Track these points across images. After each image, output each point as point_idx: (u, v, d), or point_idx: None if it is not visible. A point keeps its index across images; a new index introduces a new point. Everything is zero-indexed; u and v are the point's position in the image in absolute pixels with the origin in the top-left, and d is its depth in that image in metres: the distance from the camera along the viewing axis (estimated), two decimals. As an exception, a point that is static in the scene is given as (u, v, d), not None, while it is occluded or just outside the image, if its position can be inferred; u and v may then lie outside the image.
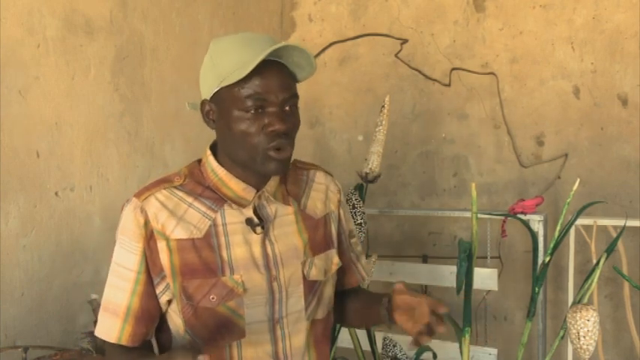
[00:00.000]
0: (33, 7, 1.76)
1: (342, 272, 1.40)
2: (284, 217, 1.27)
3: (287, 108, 1.18)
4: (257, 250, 1.22)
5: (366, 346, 2.12)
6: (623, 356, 2.63)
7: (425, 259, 2.90)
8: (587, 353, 1.78)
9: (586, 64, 2.67)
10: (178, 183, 1.23)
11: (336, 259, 1.34)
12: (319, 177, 1.38)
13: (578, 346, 1.75)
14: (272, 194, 1.26)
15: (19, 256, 1.73)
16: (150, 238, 1.18)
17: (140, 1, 2.16)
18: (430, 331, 1.16)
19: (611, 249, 1.88)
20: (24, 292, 1.74)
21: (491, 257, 2.59)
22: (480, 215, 2.15)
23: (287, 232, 1.26)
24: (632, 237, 2.51)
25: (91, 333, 1.70)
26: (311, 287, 1.28)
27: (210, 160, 1.24)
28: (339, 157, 3.09)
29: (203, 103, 1.24)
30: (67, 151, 1.88)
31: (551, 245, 1.98)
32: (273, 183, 1.26)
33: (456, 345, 2.17)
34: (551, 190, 2.74)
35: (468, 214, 2.44)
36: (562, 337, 1.91)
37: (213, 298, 1.18)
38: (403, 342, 2.20)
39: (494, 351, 2.38)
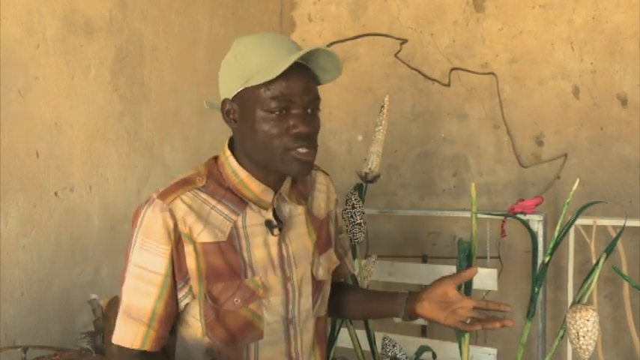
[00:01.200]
0: (32, 7, 1.76)
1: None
2: (297, 217, 1.29)
3: (309, 111, 1.19)
4: (274, 252, 1.23)
5: (365, 346, 2.12)
6: (623, 356, 2.63)
7: (424, 259, 2.90)
8: (587, 353, 1.78)
9: (586, 64, 2.67)
10: (201, 184, 1.22)
11: (334, 258, 1.38)
12: (320, 177, 1.40)
13: (578, 346, 1.75)
14: (287, 195, 1.27)
15: (19, 256, 1.73)
16: (178, 241, 1.16)
17: (140, 1, 2.16)
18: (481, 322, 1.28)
19: (610, 249, 1.88)
20: (24, 292, 1.74)
21: (490, 257, 2.59)
22: (479, 215, 2.15)
23: (300, 232, 1.28)
24: (631, 237, 2.51)
25: (91, 333, 1.70)
26: (317, 286, 1.31)
27: (231, 161, 1.23)
28: (339, 157, 3.09)
29: (224, 102, 1.23)
30: (66, 151, 1.88)
31: (551, 245, 1.98)
32: (287, 184, 1.27)
33: (456, 345, 2.17)
34: (551, 190, 2.74)
35: (467, 214, 2.44)
36: (562, 337, 1.91)
37: (237, 301, 1.18)
38: (403, 342, 2.20)
39: (493, 351, 2.38)
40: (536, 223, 2.40)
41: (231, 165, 1.23)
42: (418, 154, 2.98)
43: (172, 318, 1.21)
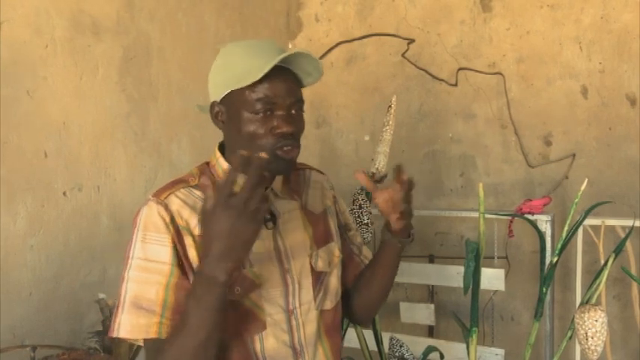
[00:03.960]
0: (40, 8, 1.77)
1: (346, 265, 1.46)
2: (291, 212, 1.34)
3: (293, 112, 1.24)
4: (269, 245, 1.27)
5: (372, 346, 2.12)
6: (632, 357, 2.62)
7: (432, 259, 2.89)
8: (595, 354, 1.77)
9: (594, 64, 2.66)
10: (194, 183, 1.28)
11: (337, 252, 1.41)
12: (314, 175, 1.46)
13: (586, 346, 1.74)
14: (279, 191, 1.33)
15: (27, 256, 1.74)
16: (177, 233, 1.20)
17: (147, 1, 2.16)
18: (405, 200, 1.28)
19: (619, 249, 1.87)
20: (32, 292, 1.75)
21: (498, 257, 2.58)
22: (487, 215, 2.15)
23: (294, 226, 1.33)
24: (640, 237, 2.50)
25: (99, 332, 1.70)
26: (317, 278, 1.34)
27: (221, 162, 1.30)
28: (346, 157, 3.09)
29: (213, 105, 1.29)
30: (74, 151, 1.89)
31: (559, 245, 1.97)
32: (279, 181, 1.33)
33: (463, 345, 2.16)
34: (559, 190, 2.73)
35: (475, 214, 2.43)
36: (570, 338, 1.90)
37: (237, 290, 1.21)
38: (410, 342, 2.20)
39: (501, 351, 2.37)
40: (543, 223, 2.39)
41: (221, 165, 1.30)
42: (425, 154, 2.98)
43: None
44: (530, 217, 2.36)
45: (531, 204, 2.45)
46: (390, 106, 2.21)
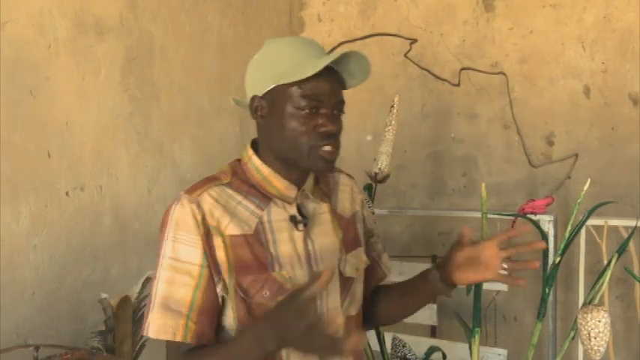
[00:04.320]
0: (44, 8, 1.77)
1: (367, 272, 1.42)
2: (321, 215, 1.31)
3: (335, 112, 1.24)
4: (300, 247, 1.25)
5: (375, 346, 2.12)
6: (634, 357, 2.61)
7: (434, 260, 2.89)
8: (598, 354, 1.76)
9: (596, 64, 2.66)
10: (226, 181, 1.26)
11: (364, 257, 1.38)
12: (343, 179, 1.43)
13: (589, 347, 1.74)
14: (310, 192, 1.30)
15: (30, 256, 1.74)
16: (207, 234, 1.19)
17: (150, 1, 2.17)
18: (517, 264, 1.27)
19: (622, 249, 1.87)
20: (35, 292, 1.75)
21: (500, 257, 2.57)
22: (489, 215, 2.14)
23: (325, 229, 1.30)
24: (643, 237, 2.49)
25: (101, 332, 1.71)
26: (345, 284, 1.31)
27: (254, 159, 1.27)
28: (348, 157, 3.09)
29: (253, 99, 1.26)
30: (77, 151, 1.89)
31: (562, 246, 1.97)
32: (310, 182, 1.30)
33: (466, 345, 2.16)
34: (562, 190, 2.73)
35: (477, 215, 2.43)
36: (572, 338, 1.90)
37: (266, 294, 1.20)
38: (412, 342, 2.20)
39: (503, 352, 2.37)
40: (546, 223, 2.39)
41: (254, 163, 1.27)
42: (428, 154, 2.98)
43: (214, 312, 1.21)
44: (532, 217, 2.35)
45: (534, 204, 2.44)
46: (392, 106, 2.21)
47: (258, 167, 1.27)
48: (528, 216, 2.36)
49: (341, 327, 1.30)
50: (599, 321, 1.68)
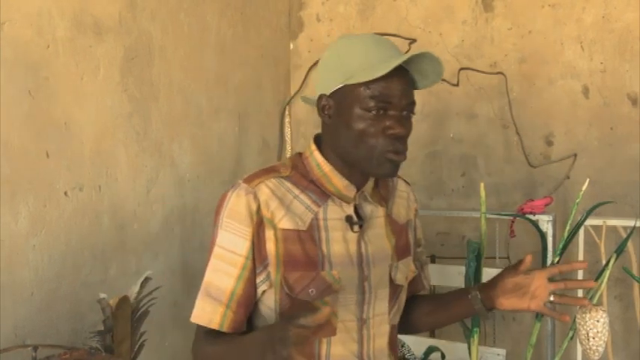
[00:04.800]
0: (42, 8, 1.77)
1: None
2: (377, 218, 1.29)
3: (404, 113, 1.21)
4: (353, 249, 1.23)
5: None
6: (633, 357, 2.61)
7: (433, 260, 2.89)
8: (597, 354, 1.77)
9: (595, 64, 2.66)
10: (285, 174, 1.24)
11: (412, 267, 1.37)
12: (401, 185, 1.42)
13: (588, 347, 1.74)
14: (369, 195, 1.28)
15: (29, 256, 1.74)
16: (259, 225, 1.19)
17: (149, 1, 2.17)
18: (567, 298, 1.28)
19: (620, 249, 1.87)
20: (33, 292, 1.75)
21: (499, 257, 2.58)
22: (488, 215, 2.14)
23: (378, 233, 1.28)
24: (642, 237, 2.50)
25: (100, 332, 1.71)
26: (395, 291, 1.29)
27: (316, 155, 1.26)
28: (347, 157, 3.09)
29: (321, 97, 1.24)
30: (76, 151, 1.89)
31: (560, 245, 1.97)
32: (370, 184, 1.28)
33: (465, 345, 2.16)
34: (560, 190, 2.73)
35: (476, 215, 2.43)
36: (571, 338, 1.90)
37: (312, 292, 1.18)
38: (411, 342, 2.20)
39: (502, 351, 2.37)
40: (545, 223, 2.39)
41: (315, 159, 1.26)
42: (427, 154, 2.98)
43: (251, 303, 1.22)
44: (531, 217, 2.36)
45: (533, 204, 2.45)
46: (391, 106, 2.21)
47: (319, 163, 1.25)
48: (527, 216, 2.36)
49: (386, 335, 1.29)
50: (598, 321, 1.68)
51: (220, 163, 2.60)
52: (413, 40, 2.93)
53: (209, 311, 1.20)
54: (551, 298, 1.30)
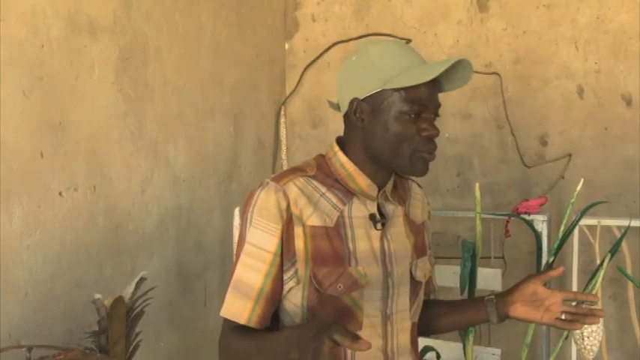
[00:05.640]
0: (37, 7, 1.77)
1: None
2: (397, 217, 1.35)
3: (433, 115, 1.28)
4: (376, 246, 1.28)
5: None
6: (627, 357, 2.62)
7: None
8: (591, 354, 1.77)
9: (590, 64, 2.67)
10: (312, 173, 1.30)
11: (429, 266, 1.42)
12: (415, 187, 1.47)
13: (582, 346, 1.75)
14: (390, 195, 1.33)
15: (23, 256, 1.74)
16: (289, 222, 1.23)
17: (143, 1, 2.16)
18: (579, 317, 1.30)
19: (615, 249, 1.88)
20: (28, 292, 1.75)
21: (494, 257, 2.59)
22: (483, 215, 2.15)
23: (399, 232, 1.34)
24: (636, 237, 2.50)
25: (95, 332, 1.70)
26: (414, 287, 1.34)
27: (340, 156, 1.31)
28: (343, 157, 3.09)
29: (353, 101, 1.28)
30: (70, 151, 1.89)
31: (555, 245, 1.98)
32: (390, 184, 1.34)
33: (460, 345, 2.16)
34: (555, 190, 2.74)
35: (471, 214, 2.44)
36: (566, 338, 1.91)
37: (340, 287, 1.23)
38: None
39: (497, 351, 2.37)
40: (540, 223, 2.39)
41: (339, 159, 1.31)
42: (422, 154, 2.98)
43: (277, 299, 1.26)
44: (526, 217, 2.36)
45: (528, 204, 2.45)
46: (386, 106, 2.21)
47: (343, 163, 1.30)
48: (522, 216, 2.37)
49: (408, 331, 1.32)
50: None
51: (215, 163, 2.59)
52: (408, 40, 2.94)
53: (238, 306, 1.24)
54: (562, 317, 1.34)
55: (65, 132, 1.87)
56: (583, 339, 1.74)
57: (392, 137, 1.24)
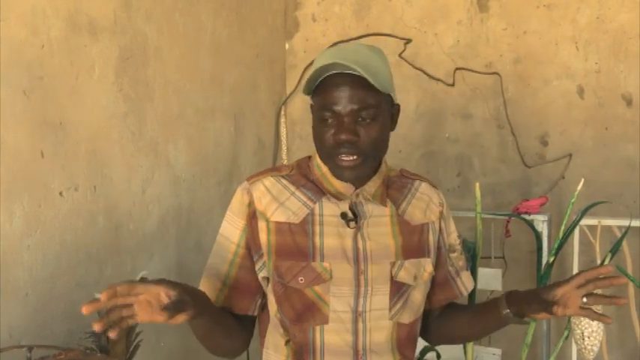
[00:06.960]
0: (37, 7, 1.77)
1: (438, 286, 1.44)
2: (379, 217, 1.35)
3: (360, 119, 1.25)
4: (348, 244, 1.30)
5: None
6: (628, 357, 2.62)
7: (428, 259, 2.89)
8: (592, 354, 1.77)
9: (590, 64, 2.67)
10: (285, 173, 1.37)
11: (429, 268, 1.39)
12: (424, 188, 1.45)
13: (583, 346, 1.74)
14: (371, 195, 1.34)
15: (24, 256, 1.74)
16: (252, 217, 1.32)
17: (144, 1, 2.16)
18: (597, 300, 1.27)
19: (615, 249, 1.88)
20: (28, 292, 1.75)
21: (495, 257, 2.59)
22: (483, 215, 2.15)
23: (380, 231, 1.34)
24: (636, 237, 2.50)
25: (95, 332, 1.70)
26: (398, 288, 1.33)
27: (316, 157, 1.38)
28: (343, 157, 3.09)
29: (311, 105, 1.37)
30: (71, 151, 1.89)
31: (556, 245, 1.98)
32: (372, 184, 1.35)
33: (460, 345, 2.16)
34: (555, 190, 2.74)
35: (471, 214, 2.44)
36: (566, 338, 1.91)
37: (301, 280, 1.28)
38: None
39: (498, 351, 2.37)
40: (540, 223, 2.39)
41: (316, 160, 1.37)
42: (422, 154, 2.98)
43: (253, 289, 1.35)
44: (526, 217, 2.37)
45: (528, 204, 2.45)
46: (386, 106, 2.21)
47: (319, 164, 1.36)
48: (523, 216, 2.37)
49: (386, 330, 1.32)
50: (593, 320, 1.69)
51: (216, 163, 2.59)
52: (408, 40, 2.94)
53: (208, 287, 1.34)
54: (585, 300, 1.29)
55: (65, 132, 1.87)
56: (583, 339, 1.74)
57: (315, 141, 1.31)
